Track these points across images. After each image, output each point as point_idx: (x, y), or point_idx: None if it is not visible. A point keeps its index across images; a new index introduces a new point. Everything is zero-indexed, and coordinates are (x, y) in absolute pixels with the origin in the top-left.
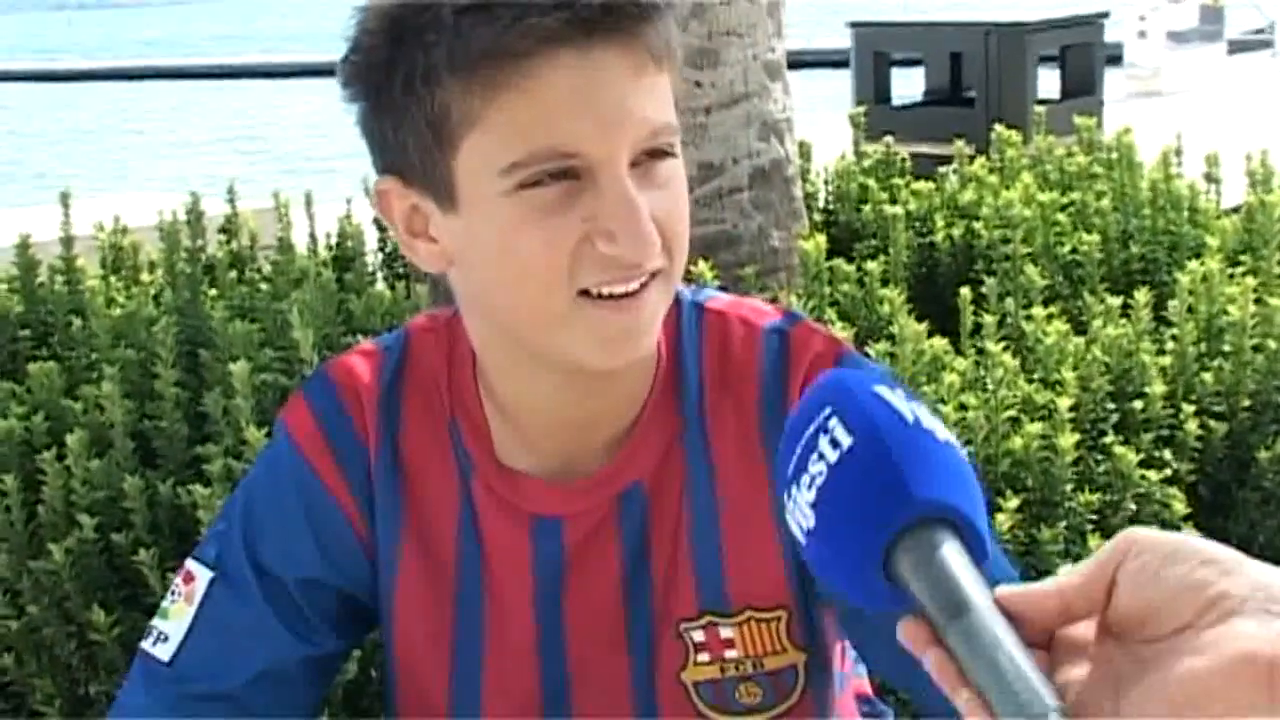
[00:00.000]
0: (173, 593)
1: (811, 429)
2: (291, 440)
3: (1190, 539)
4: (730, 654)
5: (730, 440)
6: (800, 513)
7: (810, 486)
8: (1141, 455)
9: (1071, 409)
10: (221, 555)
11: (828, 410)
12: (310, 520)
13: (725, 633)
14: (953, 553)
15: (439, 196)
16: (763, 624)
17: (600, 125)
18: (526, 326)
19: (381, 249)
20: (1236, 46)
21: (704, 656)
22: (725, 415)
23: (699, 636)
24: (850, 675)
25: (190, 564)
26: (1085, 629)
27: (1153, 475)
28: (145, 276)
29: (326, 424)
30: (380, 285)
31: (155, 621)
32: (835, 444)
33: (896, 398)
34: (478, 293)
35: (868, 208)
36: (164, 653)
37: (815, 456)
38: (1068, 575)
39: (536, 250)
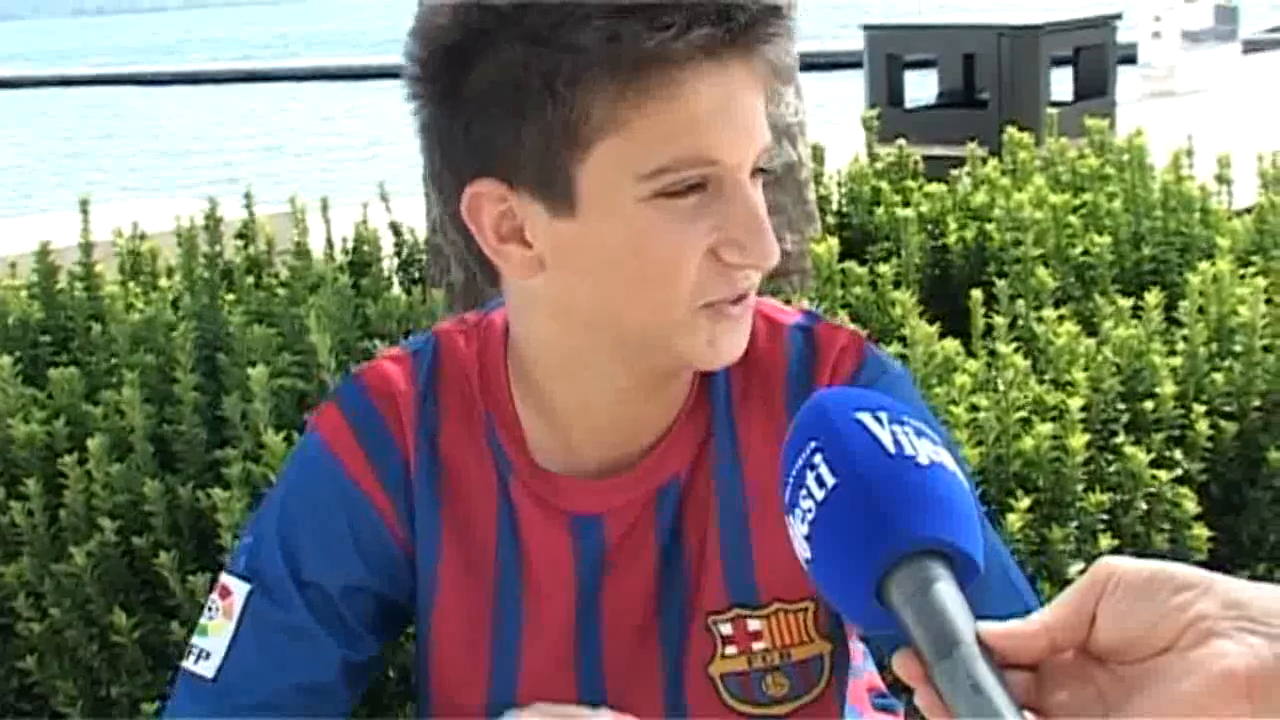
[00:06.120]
0: (210, 609)
1: (800, 463)
2: (324, 443)
3: (1164, 566)
4: (758, 646)
5: (758, 436)
6: (800, 542)
7: (804, 521)
8: (1152, 455)
9: (1082, 409)
10: (258, 567)
11: (812, 445)
12: (349, 522)
13: (753, 625)
14: (940, 589)
15: (552, 199)
16: (791, 615)
17: (736, 135)
18: (642, 330)
19: (397, 254)
20: (1252, 46)
21: (731, 649)
22: (753, 411)
23: (727, 629)
24: (863, 669)
25: (226, 579)
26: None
27: (1164, 475)
28: (164, 282)
29: (359, 426)
30: (396, 290)
31: (195, 640)
32: (821, 483)
33: (879, 425)
34: (576, 298)
35: (880, 210)
36: (208, 670)
37: (804, 494)
38: (1050, 610)
39: (668, 258)
